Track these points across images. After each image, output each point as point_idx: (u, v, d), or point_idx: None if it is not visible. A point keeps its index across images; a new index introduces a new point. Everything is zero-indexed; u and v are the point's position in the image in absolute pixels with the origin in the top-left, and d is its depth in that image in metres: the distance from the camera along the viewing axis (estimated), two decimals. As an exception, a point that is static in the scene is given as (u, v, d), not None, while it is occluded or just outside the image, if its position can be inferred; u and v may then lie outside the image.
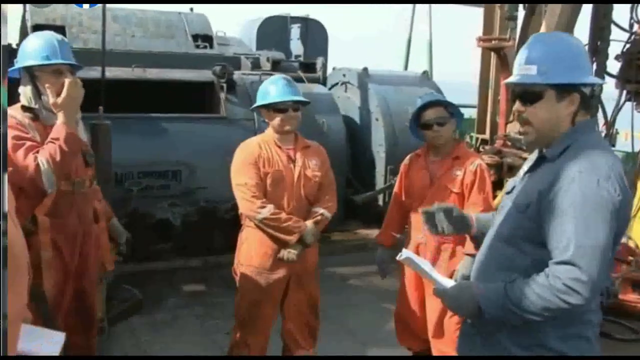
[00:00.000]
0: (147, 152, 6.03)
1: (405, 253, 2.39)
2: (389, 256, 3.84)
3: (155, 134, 6.14)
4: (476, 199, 3.59)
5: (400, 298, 3.93)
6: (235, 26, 9.92)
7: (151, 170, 6.01)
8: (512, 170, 6.23)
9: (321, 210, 3.63)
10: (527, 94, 2.10)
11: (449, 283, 2.27)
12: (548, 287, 1.91)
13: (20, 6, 6.65)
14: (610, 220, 1.93)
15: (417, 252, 3.70)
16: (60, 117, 2.99)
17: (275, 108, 3.54)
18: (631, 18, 5.26)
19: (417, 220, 3.69)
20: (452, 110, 3.74)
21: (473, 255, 2.62)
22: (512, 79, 2.15)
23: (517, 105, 2.14)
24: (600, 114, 5.19)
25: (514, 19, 6.34)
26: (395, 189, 3.99)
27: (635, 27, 5.27)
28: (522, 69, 2.12)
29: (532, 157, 2.31)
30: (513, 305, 1.98)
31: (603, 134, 4.91)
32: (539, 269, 2.00)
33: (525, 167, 2.30)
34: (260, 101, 3.60)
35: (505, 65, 6.38)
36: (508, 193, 2.29)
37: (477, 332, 2.21)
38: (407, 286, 3.85)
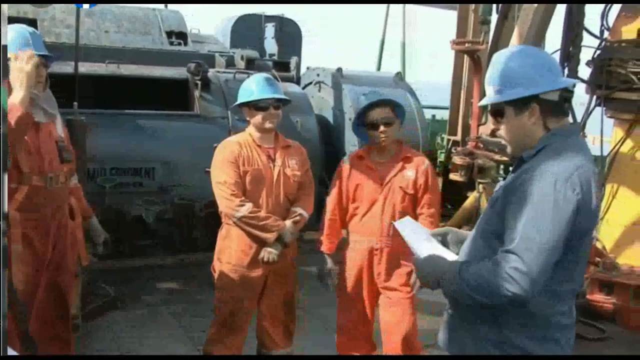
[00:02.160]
0: (121, 149, 5.95)
1: (407, 220, 2.59)
2: (333, 264, 3.79)
3: (128, 130, 6.07)
4: (429, 200, 3.60)
5: (343, 307, 3.78)
6: (208, 24, 9.86)
7: (124, 167, 5.94)
8: (483, 171, 6.34)
9: (300, 210, 3.64)
10: (494, 112, 2.24)
11: (426, 252, 2.31)
12: (492, 272, 1.98)
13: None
14: (565, 222, 1.97)
15: (371, 258, 3.63)
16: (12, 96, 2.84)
17: (256, 106, 3.54)
18: (602, 25, 5.39)
19: (370, 224, 3.62)
20: (397, 111, 3.63)
21: None
22: (482, 101, 2.32)
23: (493, 123, 2.30)
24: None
25: (488, 22, 6.45)
26: (335, 192, 3.74)
27: (606, 34, 5.40)
28: (487, 89, 2.25)
29: None
30: (465, 285, 2.05)
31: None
32: None
33: None
34: (242, 99, 3.60)
35: (478, 68, 6.49)
36: None
37: (460, 322, 2.25)
38: (350, 296, 3.72)
